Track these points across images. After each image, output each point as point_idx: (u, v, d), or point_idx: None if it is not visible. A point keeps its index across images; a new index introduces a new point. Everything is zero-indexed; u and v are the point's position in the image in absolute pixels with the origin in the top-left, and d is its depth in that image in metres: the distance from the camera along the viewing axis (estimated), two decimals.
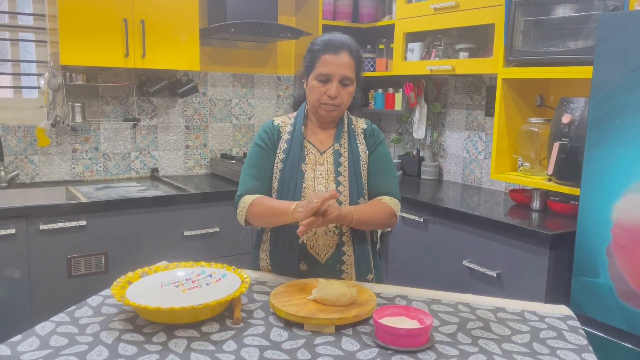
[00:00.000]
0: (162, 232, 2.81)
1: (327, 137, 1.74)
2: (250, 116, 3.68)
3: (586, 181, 2.03)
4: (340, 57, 1.63)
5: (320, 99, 1.65)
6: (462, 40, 3.01)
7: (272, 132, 1.74)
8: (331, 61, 1.62)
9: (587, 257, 2.01)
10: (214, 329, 1.30)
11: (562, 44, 2.35)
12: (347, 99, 1.67)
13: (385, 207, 1.68)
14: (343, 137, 1.72)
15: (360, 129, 1.78)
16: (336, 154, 1.70)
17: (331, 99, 1.64)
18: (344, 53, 1.63)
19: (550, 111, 2.63)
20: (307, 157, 1.70)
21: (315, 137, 1.74)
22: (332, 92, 1.63)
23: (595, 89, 1.98)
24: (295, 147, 1.69)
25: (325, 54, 1.63)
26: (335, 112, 1.68)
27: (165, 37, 2.96)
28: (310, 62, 1.67)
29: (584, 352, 1.24)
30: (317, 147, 1.72)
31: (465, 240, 2.52)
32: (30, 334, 1.25)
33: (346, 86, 1.65)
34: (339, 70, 1.62)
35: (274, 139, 1.73)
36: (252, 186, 1.68)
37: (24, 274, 2.48)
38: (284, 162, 1.69)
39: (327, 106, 1.66)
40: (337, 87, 1.63)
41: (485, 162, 3.20)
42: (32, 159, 3.02)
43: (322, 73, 1.63)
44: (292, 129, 1.73)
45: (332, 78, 1.63)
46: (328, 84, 1.63)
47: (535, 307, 1.51)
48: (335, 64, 1.62)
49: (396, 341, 1.21)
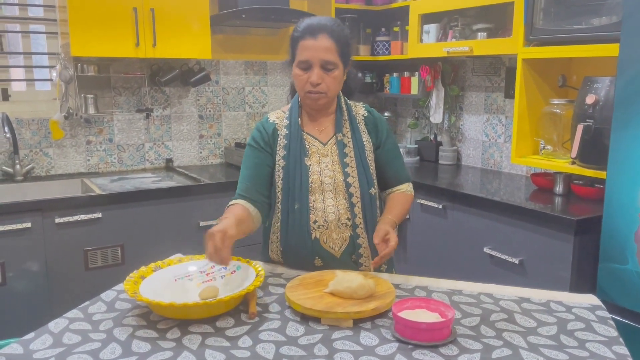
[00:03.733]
0: (178, 222, 2.80)
1: (326, 127, 1.67)
2: (263, 104, 3.64)
3: (613, 164, 1.95)
4: (319, 40, 1.53)
5: (304, 87, 1.57)
6: (480, 20, 2.92)
7: (266, 131, 1.66)
8: (309, 46, 1.53)
9: (614, 243, 1.94)
10: (229, 324, 1.27)
11: (585, 21, 2.25)
12: (333, 85, 1.57)
13: (407, 198, 1.74)
14: (345, 126, 1.65)
15: (361, 115, 1.70)
16: (340, 144, 1.63)
17: (313, 85, 1.55)
18: (322, 36, 1.53)
19: (573, 92, 2.54)
20: (309, 150, 1.63)
21: (313, 127, 1.67)
22: (313, 78, 1.54)
23: (622, 67, 1.89)
24: (295, 141, 1.62)
25: (303, 40, 1.54)
26: (323, 100, 1.59)
27: (175, 25, 2.92)
28: (292, 50, 1.59)
29: (615, 344, 1.18)
30: (319, 139, 1.65)
31: (485, 227, 2.46)
32: (43, 332, 1.23)
33: (329, 71, 1.55)
34: (318, 55, 1.53)
35: (268, 137, 1.65)
36: (244, 187, 1.63)
37: (41, 267, 2.48)
38: (285, 158, 1.62)
39: (312, 94, 1.57)
40: (319, 73, 1.54)
41: (505, 146, 3.11)
42: (47, 151, 3.02)
43: (302, 60, 1.54)
44: (288, 123, 1.65)
45: (313, 64, 1.54)
46: (309, 71, 1.55)
47: (562, 296, 1.45)
48: (313, 47, 1.52)
49: (417, 335, 1.16)
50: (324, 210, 1.60)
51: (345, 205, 1.61)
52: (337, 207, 1.61)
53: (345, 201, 1.61)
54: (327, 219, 1.60)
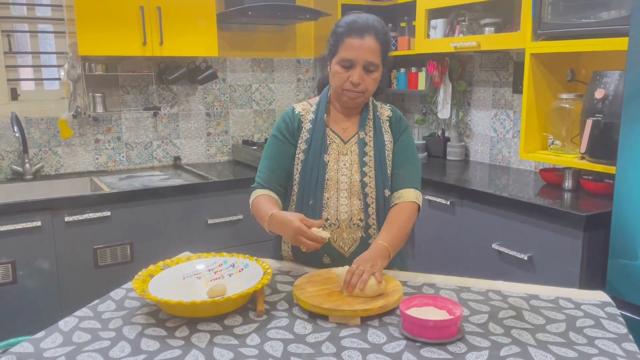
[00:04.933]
0: (186, 220, 2.81)
1: (350, 125, 1.66)
2: (270, 101, 3.64)
3: (622, 159, 1.93)
4: (365, 41, 1.52)
5: (342, 85, 1.56)
6: (487, 14, 2.90)
7: (292, 122, 1.66)
8: (355, 45, 1.52)
9: (625, 238, 1.93)
10: (237, 322, 1.27)
11: (593, 15, 2.23)
12: (371, 86, 1.57)
13: (408, 211, 1.59)
14: (368, 125, 1.64)
15: (386, 116, 1.69)
16: (361, 143, 1.63)
17: (354, 85, 1.54)
18: (369, 36, 1.52)
19: (581, 86, 2.52)
20: (329, 147, 1.63)
21: (338, 125, 1.66)
22: (354, 78, 1.53)
23: (631, 61, 1.87)
24: (318, 136, 1.61)
25: (349, 37, 1.53)
26: (360, 99, 1.59)
27: (182, 23, 2.92)
28: (334, 45, 1.57)
29: (624, 342, 1.18)
30: (341, 136, 1.65)
31: (494, 223, 2.45)
32: (53, 330, 1.24)
33: (370, 72, 1.55)
34: (363, 56, 1.52)
35: (293, 129, 1.65)
36: (265, 178, 1.64)
37: (51, 265, 2.50)
38: (305, 152, 1.62)
39: (350, 92, 1.56)
40: (361, 74, 1.53)
41: (513, 141, 3.09)
42: (56, 150, 3.04)
43: (345, 58, 1.53)
44: (314, 117, 1.65)
45: (356, 64, 1.53)
46: (351, 70, 1.54)
47: (571, 293, 1.44)
48: (359, 48, 1.51)
49: (424, 333, 1.16)
50: (336, 208, 1.60)
51: (359, 206, 1.60)
52: (350, 207, 1.60)
53: (359, 201, 1.60)
54: (339, 217, 1.60)
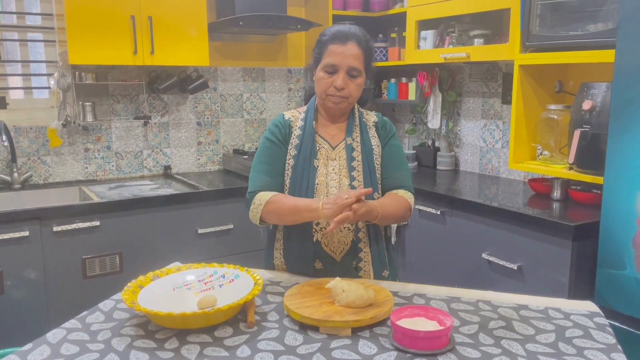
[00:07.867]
0: (176, 230, 2.79)
1: (338, 132, 1.70)
2: (261, 110, 3.64)
3: (610, 169, 1.95)
4: (348, 47, 1.58)
5: (327, 90, 1.60)
6: (477, 26, 2.93)
7: (283, 127, 1.69)
8: (338, 51, 1.57)
9: (612, 248, 1.94)
10: (227, 333, 1.27)
11: (581, 27, 2.26)
12: (355, 91, 1.62)
13: (403, 201, 1.65)
14: (355, 131, 1.68)
15: (372, 122, 1.73)
16: (348, 148, 1.66)
17: (338, 90, 1.59)
18: (352, 43, 1.58)
19: (569, 97, 2.55)
20: (318, 153, 1.65)
21: (326, 131, 1.70)
22: (338, 82, 1.58)
23: (618, 73, 1.90)
24: (307, 142, 1.64)
25: (332, 44, 1.59)
26: (344, 104, 1.63)
27: (173, 33, 2.92)
28: (318, 53, 1.63)
29: (613, 352, 1.19)
30: (329, 142, 1.68)
31: (484, 233, 2.46)
32: (41, 342, 1.23)
33: (354, 77, 1.60)
34: (346, 61, 1.57)
35: (285, 134, 1.68)
36: (264, 182, 1.64)
37: (39, 276, 2.48)
38: (295, 158, 1.65)
39: (334, 97, 1.61)
40: (344, 78, 1.58)
41: (502, 152, 3.12)
42: (44, 159, 3.02)
43: (329, 63, 1.58)
44: (302, 124, 1.68)
45: (339, 69, 1.58)
46: (335, 75, 1.59)
47: (560, 303, 1.45)
48: (342, 54, 1.57)
49: (415, 344, 1.16)
50: None
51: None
52: None
53: None
54: (329, 221, 1.60)
